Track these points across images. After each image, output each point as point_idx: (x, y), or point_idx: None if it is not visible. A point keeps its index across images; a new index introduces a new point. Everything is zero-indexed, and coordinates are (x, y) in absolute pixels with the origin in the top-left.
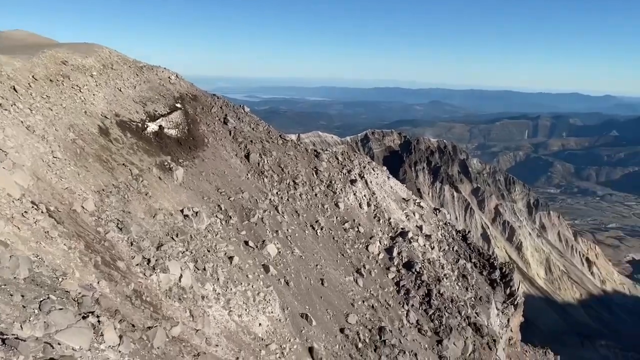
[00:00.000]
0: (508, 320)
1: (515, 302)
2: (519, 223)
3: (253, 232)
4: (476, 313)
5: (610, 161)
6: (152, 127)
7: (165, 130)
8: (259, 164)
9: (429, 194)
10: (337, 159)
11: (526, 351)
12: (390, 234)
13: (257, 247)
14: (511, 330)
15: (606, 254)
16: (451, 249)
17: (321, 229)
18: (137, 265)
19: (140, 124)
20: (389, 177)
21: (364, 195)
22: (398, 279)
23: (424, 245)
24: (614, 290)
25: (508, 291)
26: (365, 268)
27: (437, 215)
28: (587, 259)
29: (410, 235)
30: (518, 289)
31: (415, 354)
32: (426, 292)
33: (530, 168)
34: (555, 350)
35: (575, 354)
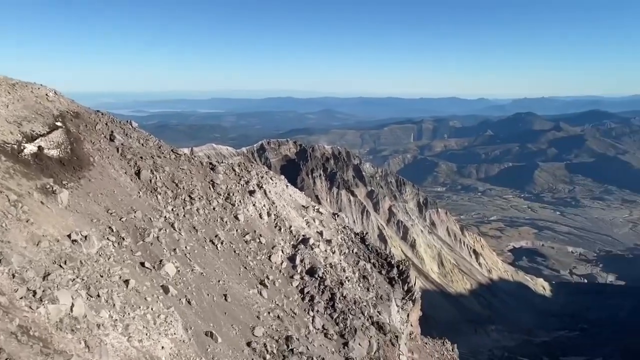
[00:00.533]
0: (408, 316)
1: (413, 298)
2: (412, 222)
3: (149, 252)
4: (378, 312)
5: (487, 158)
6: (30, 148)
7: (46, 151)
8: (150, 180)
9: (327, 199)
10: (234, 170)
11: (426, 343)
12: (292, 242)
13: (154, 267)
14: (411, 325)
15: (490, 245)
16: (351, 251)
17: (221, 243)
18: (22, 298)
19: (15, 146)
20: (287, 186)
21: (264, 206)
22: (302, 286)
23: (326, 250)
24: (499, 277)
25: (406, 288)
26: (269, 279)
27: (336, 219)
28: (474, 251)
29: (311, 241)
30: (415, 284)
31: (323, 359)
32: (330, 296)
33: (417, 169)
34: (451, 339)
35: (470, 341)
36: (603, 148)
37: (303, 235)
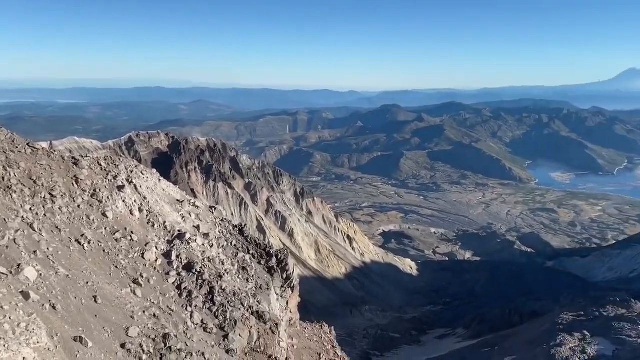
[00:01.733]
0: (287, 303)
1: (292, 285)
2: (289, 212)
3: (4, 256)
4: (258, 302)
5: (358, 148)
6: None
7: None
8: (3, 178)
9: (203, 193)
10: (100, 165)
11: (305, 328)
12: (167, 238)
13: (11, 272)
14: (290, 312)
15: (362, 230)
16: (230, 244)
17: (89, 243)
18: None
19: None
20: (160, 180)
21: (135, 201)
22: (179, 282)
23: (203, 245)
24: (371, 260)
25: (285, 276)
26: (143, 277)
27: (213, 213)
28: (348, 237)
29: (188, 236)
30: (293, 272)
31: (203, 354)
32: (209, 290)
33: (294, 160)
34: (329, 322)
35: (346, 322)
36: (459, 137)
37: (179, 231)
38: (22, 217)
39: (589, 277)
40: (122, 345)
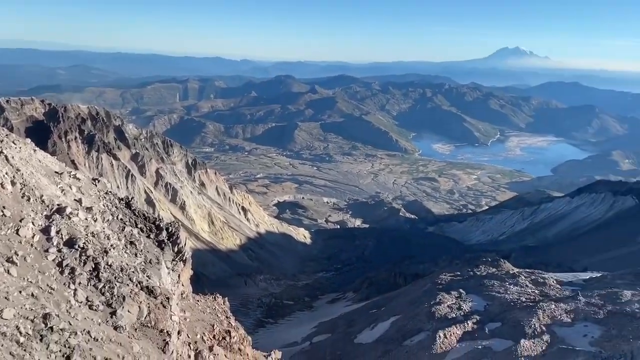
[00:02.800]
0: (179, 277)
1: (184, 259)
2: (181, 183)
3: None
4: (147, 276)
5: (252, 119)
6: None
7: None
8: None
9: (85, 164)
10: None
11: (198, 301)
12: (45, 213)
13: None
14: (182, 285)
15: (257, 201)
16: (116, 218)
17: None
18: None
19: None
20: (35, 150)
21: (6, 174)
22: (60, 259)
23: (86, 219)
24: (266, 231)
25: (176, 249)
26: (18, 255)
27: (96, 185)
28: (243, 208)
29: (68, 210)
30: (185, 245)
31: (89, 332)
32: (94, 266)
33: (185, 130)
34: (223, 293)
35: (240, 293)
36: (350, 109)
37: (58, 205)
38: None
39: (465, 240)
40: None
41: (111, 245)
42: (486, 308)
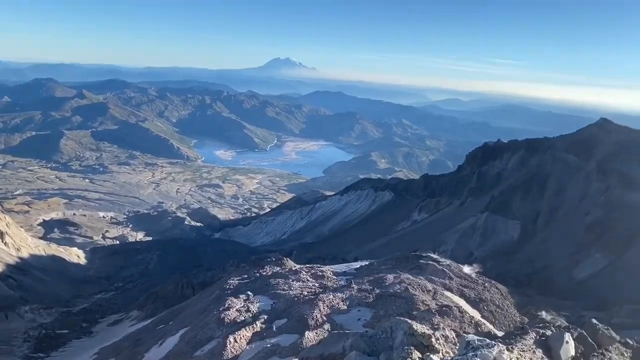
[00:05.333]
0: None
1: None
2: None
3: None
4: None
5: (6, 128)
6: None
7: None
8: None
9: None
10: None
11: None
12: None
13: None
14: None
15: (18, 221)
16: None
17: None
18: None
19: None
20: None
21: None
22: None
23: None
24: (30, 255)
25: None
26: None
27: None
28: (0, 231)
29: None
30: None
31: None
32: None
33: None
34: None
35: (1, 329)
36: (125, 116)
37: None
38: None
39: (251, 243)
40: None
41: None
42: (273, 307)
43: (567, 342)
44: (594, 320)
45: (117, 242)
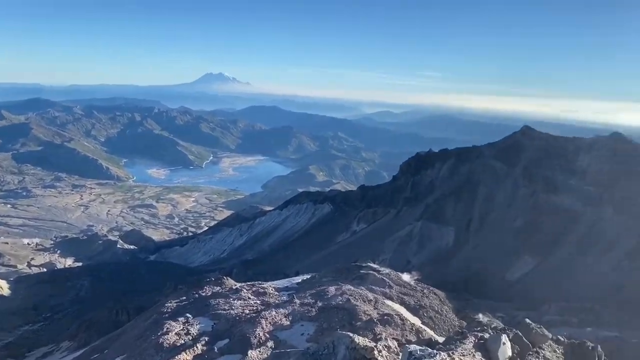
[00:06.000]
0: None
1: None
2: None
3: None
4: None
5: None
6: None
7: None
8: None
9: None
10: None
11: None
12: None
13: None
14: None
15: None
16: None
17: None
18: None
19: None
20: None
21: None
22: None
23: None
24: None
25: None
26: None
27: None
28: None
29: None
30: None
31: None
32: None
33: None
34: None
35: None
36: (50, 136)
37: None
38: None
39: (188, 264)
40: None
41: None
42: (214, 327)
43: (504, 344)
44: (527, 320)
45: (44, 269)
